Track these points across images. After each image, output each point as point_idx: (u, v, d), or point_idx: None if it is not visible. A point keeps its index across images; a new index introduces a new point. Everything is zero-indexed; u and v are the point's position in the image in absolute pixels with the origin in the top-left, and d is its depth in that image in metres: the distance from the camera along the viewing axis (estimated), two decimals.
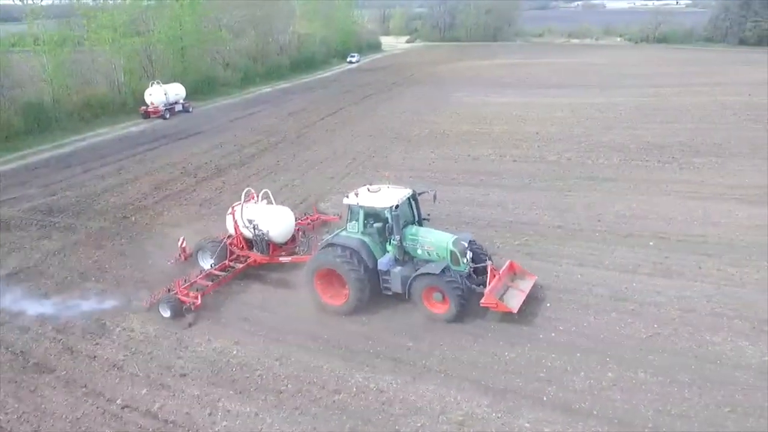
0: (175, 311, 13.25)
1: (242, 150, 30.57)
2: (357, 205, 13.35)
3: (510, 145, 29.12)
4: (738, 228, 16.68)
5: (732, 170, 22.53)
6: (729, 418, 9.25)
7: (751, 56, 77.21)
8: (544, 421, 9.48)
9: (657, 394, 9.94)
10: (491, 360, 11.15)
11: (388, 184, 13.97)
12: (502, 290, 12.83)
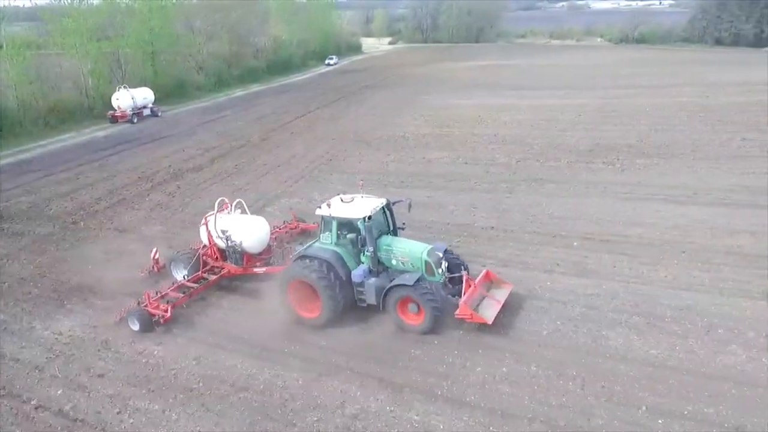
0: (144, 324, 13.02)
1: (203, 154, 30.96)
2: (330, 216, 13.10)
3: (466, 147, 29.74)
4: (660, 228, 17.36)
5: (670, 171, 23.29)
6: (603, 407, 9.84)
7: (723, 56, 78.85)
8: (433, 413, 10.02)
9: (543, 386, 10.53)
10: (396, 357, 11.68)
11: (361, 193, 13.80)
12: (477, 300, 12.74)
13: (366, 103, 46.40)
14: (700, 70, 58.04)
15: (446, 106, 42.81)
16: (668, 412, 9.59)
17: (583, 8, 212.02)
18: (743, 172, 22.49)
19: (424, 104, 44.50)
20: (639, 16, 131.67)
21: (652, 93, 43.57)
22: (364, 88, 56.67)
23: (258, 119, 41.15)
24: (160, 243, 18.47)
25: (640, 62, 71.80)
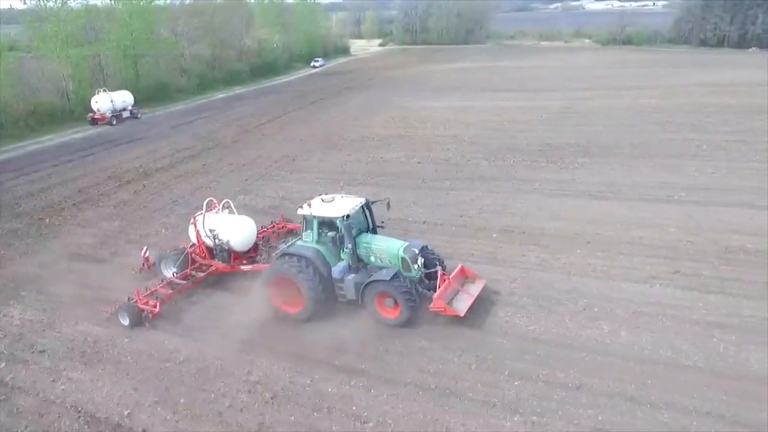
0: (133, 319, 13.73)
1: (174, 155, 32.34)
2: (311, 215, 13.77)
3: (424, 147, 31.14)
4: (576, 221, 18.79)
5: (605, 170, 24.70)
6: (472, 373, 11.28)
7: (703, 58, 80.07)
8: (324, 378, 11.44)
9: (429, 356, 11.95)
10: (310, 337, 13.00)
11: (342, 193, 14.62)
12: (452, 294, 13.32)
13: (342, 106, 47.75)
14: (673, 72, 59.40)
15: (418, 108, 44.12)
16: (524, 376, 11.02)
17: (577, 9, 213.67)
18: (674, 170, 23.94)
19: (398, 106, 45.81)
20: (626, 17, 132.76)
21: (617, 95, 44.97)
22: (344, 90, 58.06)
23: (234, 121, 42.53)
24: (117, 237, 20.02)
25: (618, 64, 73.18)
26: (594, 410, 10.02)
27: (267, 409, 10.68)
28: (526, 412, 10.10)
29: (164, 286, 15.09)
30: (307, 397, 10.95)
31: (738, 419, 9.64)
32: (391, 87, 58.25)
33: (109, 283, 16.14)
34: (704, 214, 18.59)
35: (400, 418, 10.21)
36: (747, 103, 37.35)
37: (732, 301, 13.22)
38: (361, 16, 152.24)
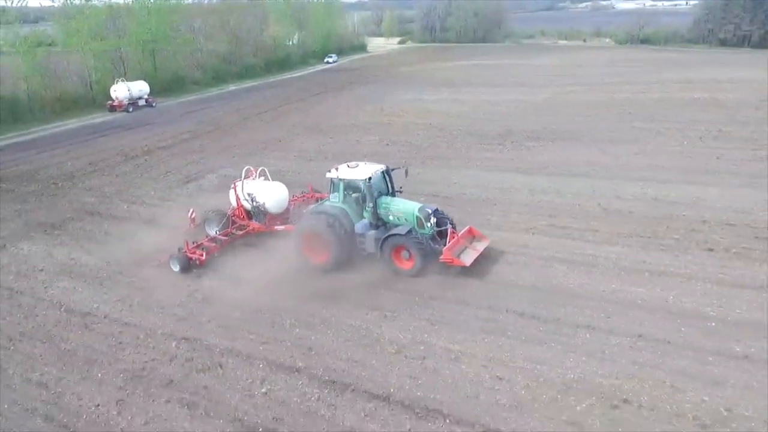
0: (183, 265, 15.86)
1: (177, 137, 36.36)
2: (337, 178, 15.53)
3: (397, 133, 34.39)
4: (495, 190, 21.85)
5: (547, 151, 27.60)
6: (330, 312, 14.58)
7: (713, 57, 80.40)
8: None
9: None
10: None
11: (365, 161, 16.72)
12: (460, 249, 15.01)
13: (340, 98, 51.23)
14: (668, 70, 60.55)
15: (410, 100, 47.25)
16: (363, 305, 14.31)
17: (607, 8, 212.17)
18: (606, 153, 26.73)
19: (392, 98, 48.98)
20: (644, 17, 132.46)
21: (599, 90, 47.18)
22: (349, 84, 61.52)
23: (238, 110, 46.45)
24: (113, 197, 23.95)
25: (623, 62, 74.23)
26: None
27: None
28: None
29: (209, 241, 17.26)
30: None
31: (538, 315, 12.77)
32: (393, 82, 61.33)
33: (96, 228, 20.02)
34: (606, 186, 21.48)
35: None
36: (713, 98, 39.53)
37: (580, 244, 16.25)
38: (382, 15, 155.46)
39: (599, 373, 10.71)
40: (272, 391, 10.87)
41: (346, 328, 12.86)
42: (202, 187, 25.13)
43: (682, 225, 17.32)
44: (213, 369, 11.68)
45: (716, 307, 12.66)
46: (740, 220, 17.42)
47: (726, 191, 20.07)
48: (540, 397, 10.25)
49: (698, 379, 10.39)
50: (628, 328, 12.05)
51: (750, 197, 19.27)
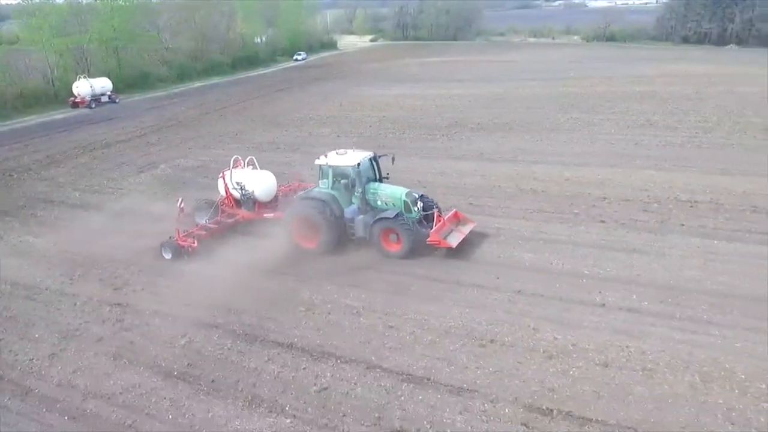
0: (174, 253, 16.32)
1: (137, 131, 37.29)
2: (327, 165, 15.97)
3: (353, 125, 35.85)
4: (425, 173, 23.33)
5: (485, 140, 29.32)
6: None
7: (670, 53, 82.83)
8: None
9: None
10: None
11: (353, 148, 17.10)
12: (446, 232, 15.59)
13: (303, 93, 52.41)
14: (622, 66, 63.07)
15: (370, 95, 48.74)
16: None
17: (580, 6, 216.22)
18: (538, 141, 28.58)
19: (354, 93, 50.45)
20: (612, 15, 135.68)
21: (550, 84, 49.19)
22: (314, 80, 62.69)
23: (200, 105, 47.41)
24: (66, 186, 24.98)
25: (584, 59, 76.58)
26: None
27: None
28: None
29: (199, 229, 17.50)
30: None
31: (440, 278, 14.36)
32: (358, 78, 62.65)
33: (47, 214, 21.20)
34: (527, 169, 23.27)
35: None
36: (653, 91, 41.82)
37: (491, 219, 17.92)
38: (354, 13, 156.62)
39: (476, 321, 12.34)
40: (190, 342, 12.26)
41: (266, 292, 14.26)
42: (154, 176, 26.28)
43: (584, 201, 19.14)
44: (140, 327, 13.02)
45: (590, 267, 14.41)
46: (636, 196, 19.31)
47: (633, 172, 21.98)
48: (421, 339, 11.83)
49: (557, 322, 12.08)
50: (510, 285, 13.72)
51: (652, 178, 21.20)
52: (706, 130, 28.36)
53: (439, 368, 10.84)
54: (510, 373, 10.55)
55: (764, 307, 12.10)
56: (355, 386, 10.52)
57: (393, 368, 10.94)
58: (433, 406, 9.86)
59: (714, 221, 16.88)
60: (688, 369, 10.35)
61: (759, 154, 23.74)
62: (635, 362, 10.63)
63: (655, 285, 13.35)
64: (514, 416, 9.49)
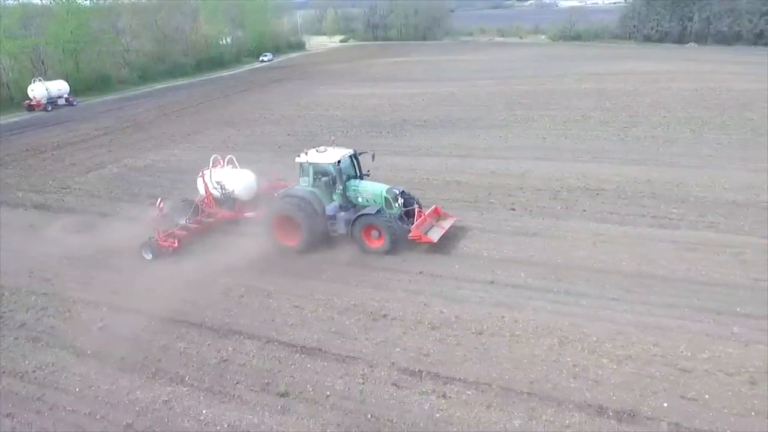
0: (155, 253, 16.30)
1: (91, 133, 37.59)
2: (307, 163, 16.03)
3: (304, 124, 36.70)
4: (374, 170, 24.14)
5: (425, 137, 30.48)
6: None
7: (636, 51, 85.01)
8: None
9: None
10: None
11: (333, 146, 16.94)
12: (427, 227, 15.86)
13: (264, 94, 53.02)
14: (578, 64, 64.40)
15: (329, 95, 49.55)
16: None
17: (551, 6, 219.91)
18: (476, 137, 29.82)
19: (314, 93, 51.22)
20: (577, 14, 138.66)
21: (503, 83, 50.58)
22: (276, 81, 63.29)
23: (159, 107, 47.73)
24: (11, 187, 25.41)
25: (545, 57, 78.42)
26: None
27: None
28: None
29: (180, 229, 17.38)
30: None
31: (353, 262, 15.40)
32: (321, 78, 63.31)
33: None
34: (457, 163, 24.52)
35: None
36: (599, 88, 43.46)
37: None
38: (325, 13, 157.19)
39: (374, 299, 13.43)
40: (107, 326, 13.10)
41: (186, 278, 15.13)
42: (100, 176, 26.82)
43: (502, 191, 20.41)
44: (62, 314, 13.81)
45: (491, 250, 15.65)
46: (550, 186, 20.66)
47: (554, 164, 23.37)
48: (322, 317, 12.88)
49: (448, 298, 13.24)
50: (413, 268, 14.87)
51: (570, 168, 22.61)
52: (633, 125, 29.98)
53: (331, 340, 11.90)
54: (393, 343, 11.66)
55: (632, 281, 13.45)
56: (253, 358, 11.52)
57: (290, 341, 11.97)
58: (319, 372, 10.92)
59: (612, 207, 18.28)
60: (551, 334, 11.58)
61: (674, 146, 25.39)
62: (506, 330, 11.84)
63: (544, 264, 14.62)
64: (388, 378, 10.59)
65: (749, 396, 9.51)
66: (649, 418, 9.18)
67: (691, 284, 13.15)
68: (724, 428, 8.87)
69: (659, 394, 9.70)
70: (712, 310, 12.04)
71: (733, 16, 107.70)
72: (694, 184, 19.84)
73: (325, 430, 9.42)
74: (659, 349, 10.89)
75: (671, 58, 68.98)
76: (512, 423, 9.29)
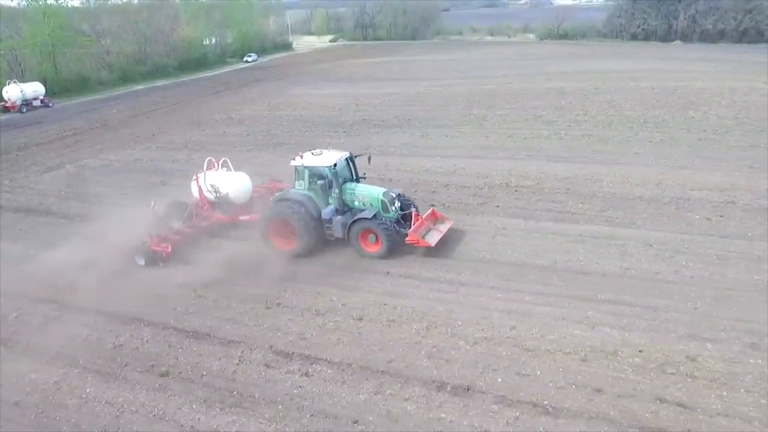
0: (148, 259, 15.95)
1: (60, 134, 38.51)
2: (302, 166, 15.85)
3: (267, 124, 37.57)
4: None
5: (376, 136, 31.40)
6: None
7: (618, 50, 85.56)
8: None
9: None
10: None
11: (329, 148, 17.12)
12: (424, 231, 15.67)
13: (238, 94, 53.85)
14: (558, 63, 64.70)
15: (300, 95, 50.34)
16: None
17: (545, 5, 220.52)
18: (427, 136, 30.71)
19: (287, 94, 52.03)
20: (563, 13, 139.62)
21: (473, 82, 51.42)
22: (254, 81, 64.14)
23: (133, 108, 48.61)
24: None
25: (526, 56, 78.99)
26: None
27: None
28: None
29: (173, 234, 17.10)
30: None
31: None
32: (298, 78, 64.08)
33: None
34: (398, 161, 25.42)
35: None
36: (561, 87, 44.37)
37: None
38: (311, 13, 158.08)
39: (274, 289, 14.37)
40: (20, 315, 14.03)
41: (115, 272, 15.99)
42: (57, 176, 27.77)
43: (427, 188, 21.37)
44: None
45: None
46: (474, 183, 21.61)
47: (485, 162, 24.34)
48: (220, 305, 13.83)
49: (341, 288, 14.22)
50: (315, 260, 15.80)
51: (499, 166, 23.57)
52: (578, 123, 30.93)
53: (221, 326, 12.88)
54: (277, 328, 12.64)
55: (514, 270, 14.46)
56: (146, 343, 12.49)
57: (183, 328, 12.94)
58: (202, 354, 11.90)
59: (526, 203, 19.24)
60: (422, 319, 12.55)
61: (607, 144, 26.35)
62: (384, 316, 12.81)
63: (440, 256, 15.55)
64: (262, 359, 11.57)
65: (576, 371, 10.48)
66: (481, 392, 10.15)
67: (566, 273, 14.11)
68: (543, 399, 9.84)
69: (498, 371, 10.67)
70: (576, 297, 13.00)
71: (718, 14, 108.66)
72: (609, 180, 20.79)
73: (191, 404, 10.38)
74: (514, 331, 11.85)
75: (648, 57, 70.02)
76: (358, 397, 10.26)
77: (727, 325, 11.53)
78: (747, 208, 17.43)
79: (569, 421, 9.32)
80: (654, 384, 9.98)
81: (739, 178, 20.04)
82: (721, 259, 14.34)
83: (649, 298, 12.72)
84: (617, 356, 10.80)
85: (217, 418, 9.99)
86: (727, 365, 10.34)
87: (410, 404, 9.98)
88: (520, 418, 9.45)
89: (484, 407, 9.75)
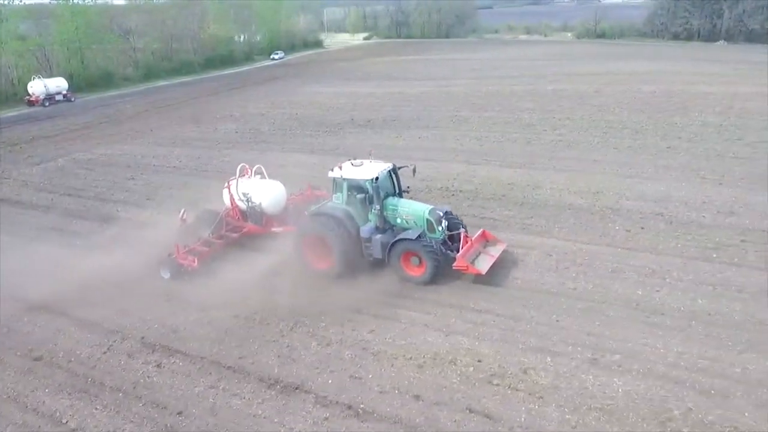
0: (173, 272, 15.12)
1: (69, 127, 40.75)
2: (341, 178, 14.49)
3: (259, 122, 38.54)
4: (276, 166, 25.19)
5: (354, 137, 31.82)
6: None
7: (654, 50, 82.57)
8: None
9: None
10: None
11: (370, 159, 15.48)
12: (474, 255, 14.21)
13: (250, 92, 55.26)
14: (583, 63, 63.08)
15: (308, 93, 51.26)
16: None
17: (593, 3, 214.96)
18: (407, 138, 30.88)
19: (296, 92, 53.06)
20: (600, 11, 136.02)
21: (479, 83, 50.92)
22: (271, 79, 65.62)
23: (149, 103, 50.75)
24: None
25: (552, 56, 77.19)
26: None
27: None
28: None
29: (201, 245, 16.22)
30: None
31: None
32: (315, 77, 64.92)
33: None
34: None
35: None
36: (561, 89, 43.61)
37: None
38: (347, 11, 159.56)
39: (179, 283, 15.04)
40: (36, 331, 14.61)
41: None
42: (45, 168, 29.50)
43: None
44: None
45: None
46: (417, 186, 21.53)
47: (441, 165, 24.35)
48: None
49: (237, 285, 14.75)
50: (233, 256, 16.43)
51: (451, 170, 23.59)
52: (555, 128, 30.44)
53: (111, 317, 13.63)
54: (158, 321, 13.31)
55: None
56: (36, 328, 13.45)
57: (77, 316, 13.79)
58: (77, 342, 12.73)
59: (456, 208, 19.03)
60: (291, 319, 12.95)
61: (572, 150, 25.92)
62: (260, 314, 13.27)
63: None
64: (128, 349, 12.30)
65: (406, 377, 10.69)
66: (306, 392, 10.52)
67: (454, 281, 14.15)
68: (360, 402, 10.11)
69: (335, 372, 11.00)
70: (449, 305, 13.12)
71: (767, 13, 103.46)
72: (549, 187, 20.54)
73: (45, 388, 11.17)
74: (371, 335, 12.13)
75: (683, 58, 67.41)
76: (193, 390, 10.80)
77: (578, 339, 11.44)
78: (672, 221, 16.97)
79: (373, 425, 9.57)
80: (471, 394, 10.08)
81: (680, 189, 19.43)
82: (615, 272, 14.11)
83: (519, 309, 12.71)
84: (454, 365, 10.93)
85: (60, 402, 10.73)
86: (554, 379, 10.32)
87: (237, 399, 10.46)
88: (329, 419, 9.77)
89: (301, 406, 10.12)
